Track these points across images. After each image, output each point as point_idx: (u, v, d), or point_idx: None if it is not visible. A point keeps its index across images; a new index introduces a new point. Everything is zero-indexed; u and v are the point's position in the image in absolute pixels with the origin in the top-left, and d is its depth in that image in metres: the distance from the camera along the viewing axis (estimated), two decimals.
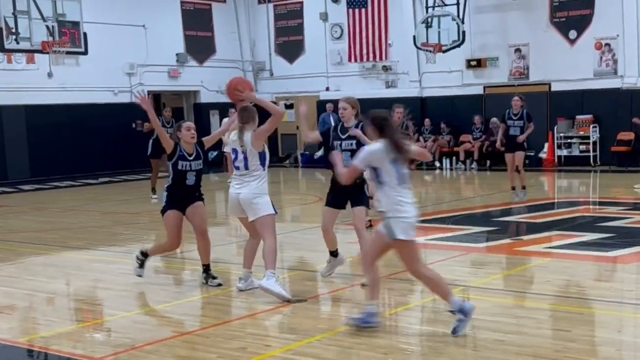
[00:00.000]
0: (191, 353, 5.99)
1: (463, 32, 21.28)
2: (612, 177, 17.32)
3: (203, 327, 6.71)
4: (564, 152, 21.27)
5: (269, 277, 7.30)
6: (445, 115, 22.86)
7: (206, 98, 25.43)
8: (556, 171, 20.67)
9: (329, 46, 25.23)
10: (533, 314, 6.70)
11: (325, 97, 24.38)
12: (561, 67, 21.02)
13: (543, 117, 21.50)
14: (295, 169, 24.50)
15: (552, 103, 21.44)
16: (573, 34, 21.03)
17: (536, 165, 21.40)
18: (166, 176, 16.05)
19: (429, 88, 23.49)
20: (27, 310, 7.77)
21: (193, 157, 7.99)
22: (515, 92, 15.72)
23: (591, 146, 20.67)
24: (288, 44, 26.30)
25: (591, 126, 20.64)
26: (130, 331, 6.55)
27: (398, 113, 13.95)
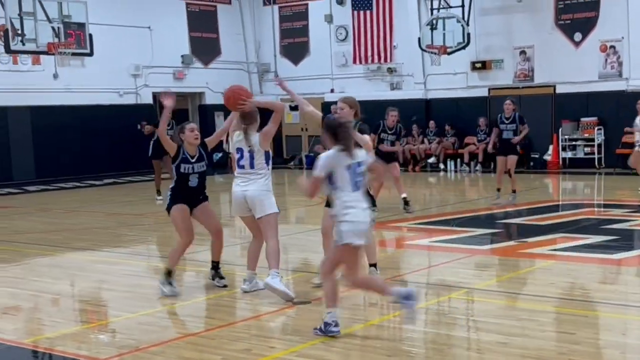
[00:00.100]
0: (196, 354, 6.01)
1: (468, 34, 21.27)
2: (617, 180, 17.29)
3: (208, 329, 6.72)
4: (569, 155, 21.26)
5: (274, 276, 7.34)
6: (450, 117, 22.87)
7: (211, 99, 25.45)
8: (561, 173, 20.65)
9: (334, 48, 25.26)
10: (537, 317, 6.68)
11: (330, 99, 24.31)
12: (566, 70, 21.00)
13: (548, 120, 21.51)
14: (299, 171, 24.50)
15: (557, 105, 21.43)
16: (578, 36, 21.02)
17: (541, 167, 21.42)
18: (169, 178, 16.28)
19: (434, 90, 23.51)
20: (32, 311, 7.77)
21: (195, 159, 7.90)
22: (514, 95, 15.72)
23: (596, 148, 20.66)
24: (293, 46, 26.33)
25: (596, 128, 20.63)
26: (134, 332, 6.56)
27: (392, 116, 14.01)
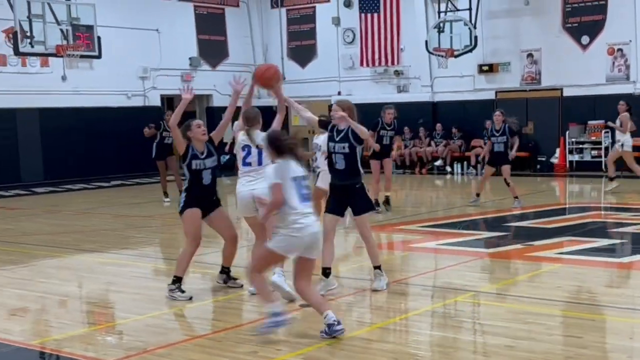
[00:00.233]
0: (203, 357, 6.03)
1: (475, 37, 21.25)
2: (624, 183, 17.23)
3: (214, 331, 6.74)
4: (576, 158, 21.23)
5: (280, 275, 7.40)
6: (456, 120, 22.86)
7: (219, 102, 25.46)
8: (568, 176, 20.63)
9: (341, 51, 25.27)
10: (544, 320, 6.68)
11: None
12: (573, 73, 20.97)
13: (555, 123, 21.50)
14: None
15: (564, 108, 21.40)
16: (585, 39, 20.99)
17: (548, 170, 21.39)
18: (173, 180, 16.32)
19: (441, 93, 23.50)
20: (40, 312, 7.81)
21: (205, 155, 7.88)
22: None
23: (603, 151, 20.59)
24: (300, 49, 26.35)
25: (603, 131, 20.58)
26: (142, 334, 6.58)
27: (389, 113, 14.05)
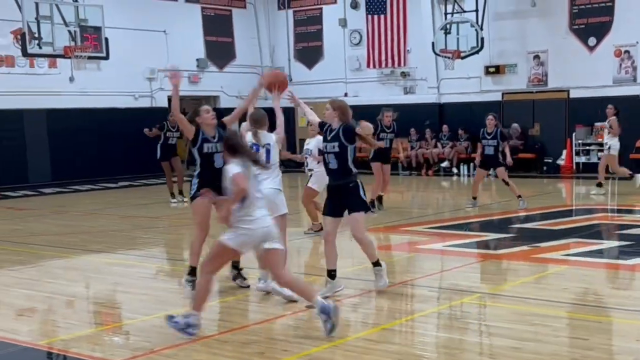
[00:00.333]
0: (209, 357, 6.04)
1: (482, 39, 21.24)
2: (631, 185, 17.20)
3: (221, 332, 6.75)
4: (582, 159, 21.18)
5: None
6: (463, 121, 22.82)
7: (226, 103, 25.46)
8: (574, 178, 20.59)
9: (348, 52, 25.28)
10: (550, 322, 6.68)
11: None
12: (580, 74, 20.93)
13: (561, 124, 21.47)
14: None
15: (571, 110, 21.37)
16: (592, 41, 20.96)
17: (554, 172, 21.36)
18: (178, 181, 16.33)
19: (447, 94, 23.49)
20: (47, 313, 7.84)
21: (217, 139, 7.91)
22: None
23: None
24: (307, 50, 26.38)
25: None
26: (149, 335, 6.60)
27: (387, 116, 14.08)
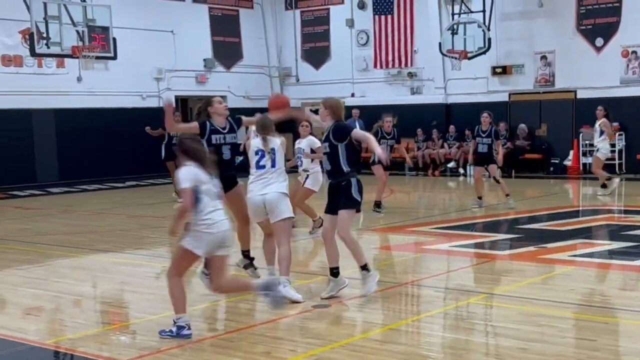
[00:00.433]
0: (216, 357, 6.07)
1: (489, 39, 21.24)
2: (638, 185, 17.19)
3: (228, 331, 6.78)
4: (589, 160, 21.13)
5: (285, 285, 7.42)
6: (470, 121, 22.65)
7: (233, 103, 25.41)
8: (581, 179, 20.56)
9: (355, 52, 25.30)
10: (556, 323, 6.68)
11: (350, 103, 24.30)
12: (587, 75, 20.92)
13: (568, 125, 21.45)
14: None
15: (578, 110, 21.35)
16: (599, 42, 20.94)
17: (561, 172, 21.35)
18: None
19: (454, 95, 23.49)
20: (55, 312, 7.87)
21: (227, 131, 7.94)
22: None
23: (617, 154, 20.54)
24: (314, 50, 26.40)
25: (617, 134, 20.49)
26: (156, 334, 6.61)
27: (388, 122, 14.14)
